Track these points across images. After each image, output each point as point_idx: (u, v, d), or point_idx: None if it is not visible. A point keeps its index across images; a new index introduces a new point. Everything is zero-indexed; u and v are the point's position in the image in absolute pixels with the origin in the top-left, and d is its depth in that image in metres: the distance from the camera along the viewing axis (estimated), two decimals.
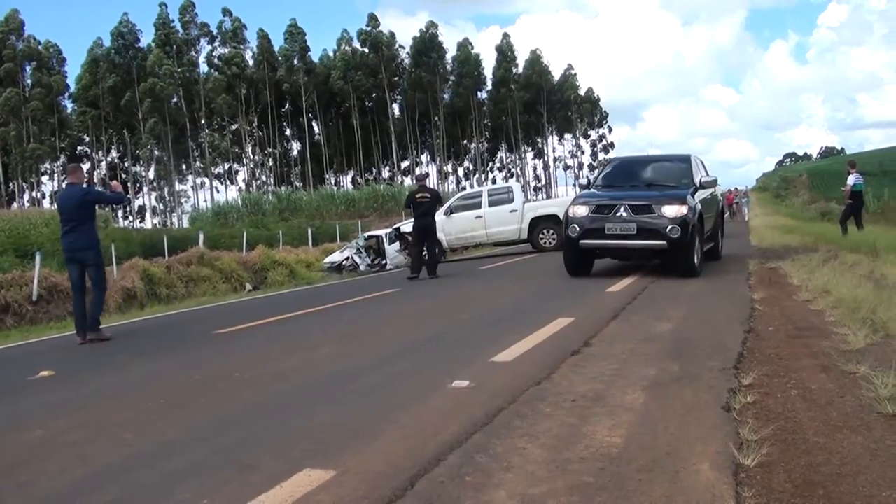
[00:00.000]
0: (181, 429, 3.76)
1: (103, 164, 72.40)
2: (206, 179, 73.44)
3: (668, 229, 9.14)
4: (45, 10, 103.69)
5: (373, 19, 77.14)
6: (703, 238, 10.27)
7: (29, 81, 63.87)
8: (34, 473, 3.20)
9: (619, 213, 9.48)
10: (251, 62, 72.01)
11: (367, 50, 75.88)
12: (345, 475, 2.80)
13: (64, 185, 7.94)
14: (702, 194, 10.44)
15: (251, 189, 67.58)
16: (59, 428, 3.94)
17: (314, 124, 78.63)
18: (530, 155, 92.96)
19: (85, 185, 7.89)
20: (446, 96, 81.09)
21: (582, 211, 9.84)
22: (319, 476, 2.79)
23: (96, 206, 7.66)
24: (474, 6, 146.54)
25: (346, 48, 76.33)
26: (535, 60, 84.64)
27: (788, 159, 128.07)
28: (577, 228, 9.69)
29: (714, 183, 11.67)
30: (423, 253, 12.66)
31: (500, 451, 3.00)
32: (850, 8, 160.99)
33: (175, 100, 67.81)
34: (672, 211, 9.25)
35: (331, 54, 77.80)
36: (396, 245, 18.79)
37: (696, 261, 9.58)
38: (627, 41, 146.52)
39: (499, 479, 2.71)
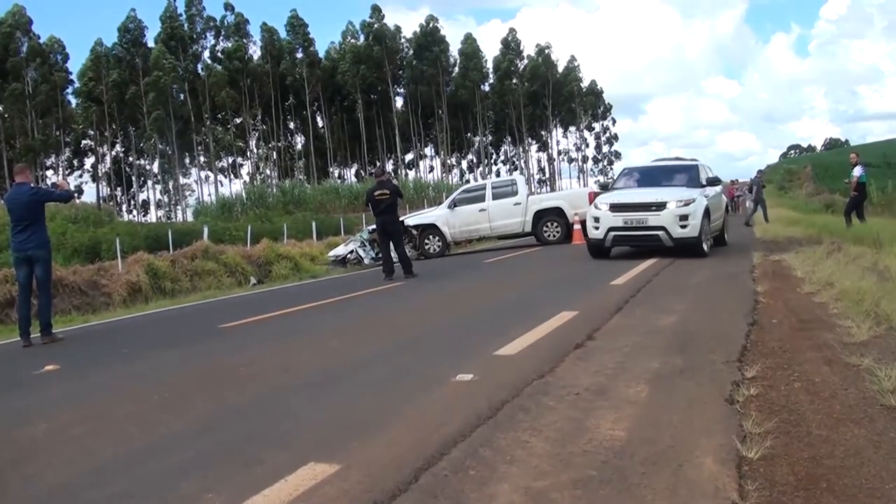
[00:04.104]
0: (186, 422, 3.78)
1: (108, 157, 72.43)
2: (211, 173, 73.59)
3: None
4: (52, 2, 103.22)
5: (376, 11, 76.97)
6: None
7: (33, 75, 63.76)
8: (40, 466, 3.22)
9: None
10: (256, 56, 71.94)
11: (371, 42, 75.68)
12: (349, 468, 2.82)
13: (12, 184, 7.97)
14: None
15: (255, 182, 67.42)
16: (65, 421, 3.97)
17: (318, 118, 78.54)
18: (534, 148, 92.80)
19: (32, 185, 7.91)
20: (449, 88, 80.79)
21: None
22: (324, 469, 2.81)
23: (45, 205, 7.70)
24: (475, 0, 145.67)
25: (352, 40, 76.21)
26: (541, 52, 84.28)
27: (793, 151, 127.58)
28: None
29: None
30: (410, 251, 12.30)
31: (503, 445, 3.01)
32: (849, 0, 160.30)
33: (182, 96, 67.81)
34: None
35: (337, 46, 77.71)
36: None
37: None
38: (628, 34, 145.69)
39: (502, 472, 2.72)
